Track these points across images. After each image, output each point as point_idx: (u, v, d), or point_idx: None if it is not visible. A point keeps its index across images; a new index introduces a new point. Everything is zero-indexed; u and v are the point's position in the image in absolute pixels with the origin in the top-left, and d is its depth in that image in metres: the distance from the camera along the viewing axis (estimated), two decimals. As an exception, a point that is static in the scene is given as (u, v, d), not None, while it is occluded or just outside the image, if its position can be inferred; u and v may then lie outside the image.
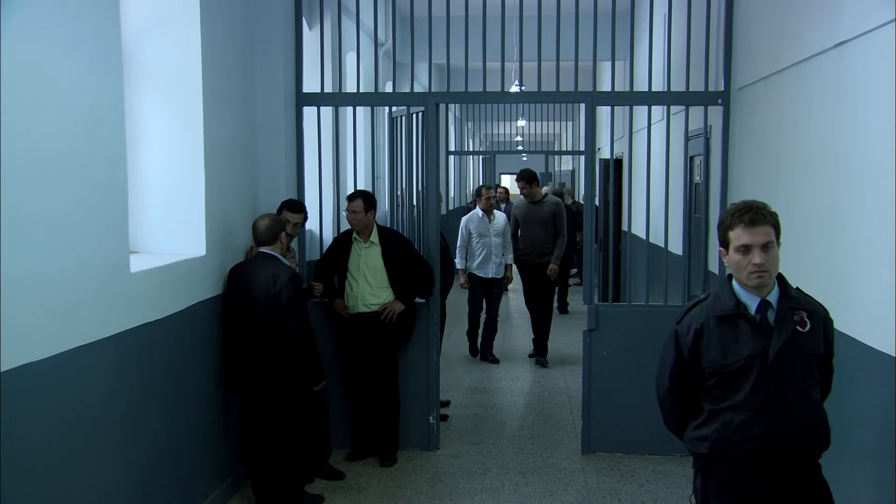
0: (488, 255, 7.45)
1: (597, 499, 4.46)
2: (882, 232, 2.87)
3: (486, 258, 7.46)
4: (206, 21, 4.06)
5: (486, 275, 7.50)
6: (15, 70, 2.54)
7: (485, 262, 7.47)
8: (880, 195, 2.90)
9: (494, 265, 7.49)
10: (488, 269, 7.48)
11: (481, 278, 7.53)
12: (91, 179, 3.03)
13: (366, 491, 4.57)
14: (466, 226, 7.50)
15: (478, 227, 7.46)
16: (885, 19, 2.82)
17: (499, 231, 7.49)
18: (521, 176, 7.74)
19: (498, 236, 7.48)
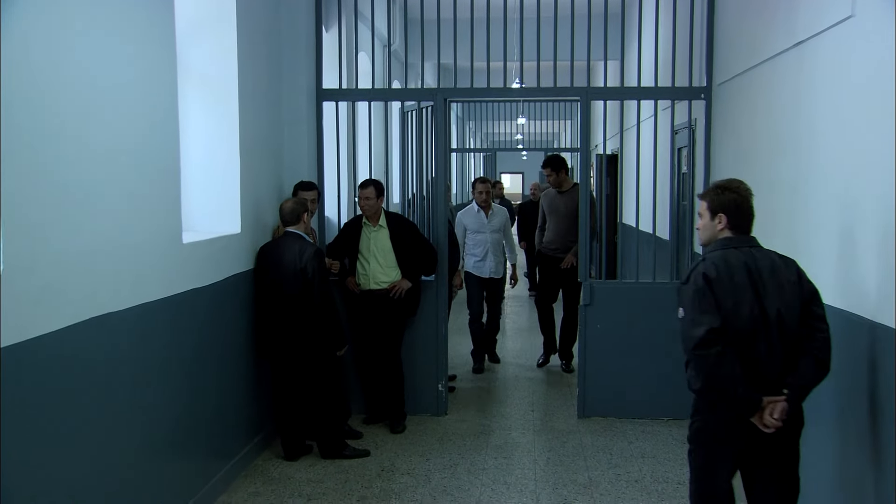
0: (486, 254, 6.95)
1: (591, 453, 4.96)
2: (834, 206, 3.36)
3: (484, 257, 6.96)
4: (241, 27, 4.56)
5: (484, 274, 6.98)
6: (102, 80, 3.05)
7: (482, 261, 6.97)
8: (833, 176, 3.39)
9: (493, 264, 6.97)
10: (486, 268, 6.98)
11: (479, 278, 7.01)
12: (154, 167, 3.55)
13: (382, 447, 5.07)
14: (461, 221, 6.99)
15: (473, 224, 6.98)
16: (833, 22, 3.32)
17: (497, 228, 7.00)
18: (547, 162, 6.95)
19: (496, 233, 6.99)
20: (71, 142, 2.89)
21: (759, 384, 2.86)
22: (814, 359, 2.88)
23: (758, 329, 2.88)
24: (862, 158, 3.09)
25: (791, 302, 2.89)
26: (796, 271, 2.95)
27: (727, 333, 2.85)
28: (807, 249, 3.60)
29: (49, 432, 2.77)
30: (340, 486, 4.44)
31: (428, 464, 4.79)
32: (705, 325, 2.83)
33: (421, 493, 4.34)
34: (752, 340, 2.88)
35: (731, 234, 3.00)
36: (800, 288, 2.92)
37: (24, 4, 2.61)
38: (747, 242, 3.00)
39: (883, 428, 2.90)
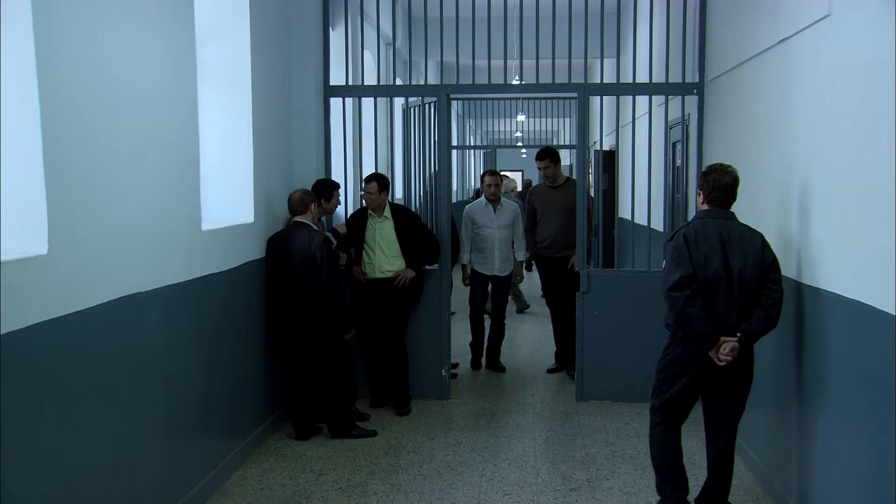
0: (491, 250, 6.61)
1: (588, 433, 5.19)
2: (816, 193, 3.59)
3: (490, 253, 6.62)
4: (254, 25, 4.79)
5: (489, 272, 6.67)
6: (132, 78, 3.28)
7: (487, 258, 6.64)
8: (814, 166, 3.61)
9: (499, 261, 6.64)
10: (491, 264, 6.65)
11: (483, 275, 6.70)
12: (177, 159, 3.78)
13: (389, 428, 5.30)
14: (469, 215, 6.69)
15: (480, 218, 6.66)
16: (812, 20, 3.54)
17: (506, 223, 6.66)
18: (543, 153, 6.56)
19: (505, 229, 6.64)
20: (104, 135, 3.11)
21: (718, 327, 3.56)
22: (765, 312, 3.56)
23: (721, 283, 3.57)
24: (838, 149, 3.31)
25: (752, 265, 3.56)
26: (761, 242, 3.61)
27: (696, 282, 3.56)
28: (792, 232, 3.83)
29: (85, 404, 2.99)
30: (350, 462, 4.67)
31: (432, 443, 5.02)
32: (679, 273, 3.57)
33: (426, 469, 4.57)
34: (716, 291, 3.58)
35: (710, 207, 3.70)
36: (762, 255, 3.58)
37: (66, 11, 2.84)
38: (724, 215, 3.67)
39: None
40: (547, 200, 6.61)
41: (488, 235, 6.63)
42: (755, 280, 3.56)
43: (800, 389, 3.73)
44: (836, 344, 3.33)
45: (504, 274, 6.69)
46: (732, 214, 3.69)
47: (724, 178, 3.68)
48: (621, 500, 4.14)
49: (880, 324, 2.87)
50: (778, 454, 4.07)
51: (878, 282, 2.91)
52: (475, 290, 6.80)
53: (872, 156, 2.98)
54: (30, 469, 2.65)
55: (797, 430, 3.75)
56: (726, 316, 3.57)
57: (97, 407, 3.08)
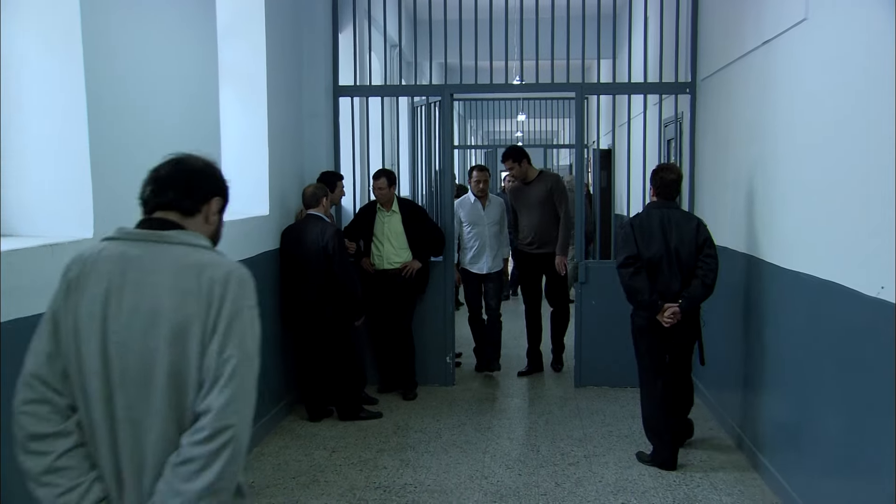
0: (482, 248, 6.41)
1: (586, 415, 5.47)
2: (794, 186, 3.87)
3: (480, 251, 6.41)
4: (269, 29, 5.07)
5: (481, 270, 6.45)
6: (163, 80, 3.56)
7: (478, 256, 6.43)
8: (792, 161, 3.89)
9: (489, 259, 6.43)
10: (482, 263, 6.43)
11: (475, 274, 6.48)
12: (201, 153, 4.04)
13: (396, 411, 5.58)
14: (456, 212, 6.39)
15: (469, 215, 6.43)
16: (790, 24, 3.82)
17: (496, 219, 6.48)
18: (507, 154, 6.40)
19: (495, 225, 6.47)
20: (139, 132, 3.40)
21: (663, 296, 4.35)
22: (700, 281, 4.34)
23: (662, 260, 4.36)
24: (812, 144, 3.59)
25: (687, 244, 4.35)
26: (695, 225, 4.41)
27: (641, 260, 4.35)
28: (772, 221, 4.12)
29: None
30: (360, 441, 4.95)
31: (438, 423, 5.30)
32: (625, 254, 4.40)
33: (433, 447, 4.85)
34: (658, 267, 4.37)
35: (657, 199, 4.49)
36: (696, 235, 4.36)
37: (109, 21, 3.12)
38: (666, 205, 4.46)
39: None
40: (521, 197, 6.52)
41: (478, 233, 6.41)
42: (691, 256, 4.35)
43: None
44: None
45: (495, 271, 6.51)
46: (675, 204, 4.53)
47: (668, 175, 4.50)
48: (616, 472, 4.42)
49: (844, 299, 3.15)
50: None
51: (843, 261, 3.19)
52: (469, 291, 6.55)
53: (844, 149, 3.26)
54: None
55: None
56: (669, 286, 4.36)
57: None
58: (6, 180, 3.02)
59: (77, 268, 1.79)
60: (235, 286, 1.74)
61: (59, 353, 1.75)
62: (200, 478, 1.64)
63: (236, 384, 1.69)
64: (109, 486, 1.74)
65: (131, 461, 1.72)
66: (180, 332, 1.70)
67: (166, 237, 1.78)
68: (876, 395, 2.94)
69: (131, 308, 1.71)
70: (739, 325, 4.76)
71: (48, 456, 1.71)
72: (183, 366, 1.70)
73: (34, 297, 2.68)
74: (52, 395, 1.74)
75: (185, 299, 1.70)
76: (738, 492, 4.13)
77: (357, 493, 4.16)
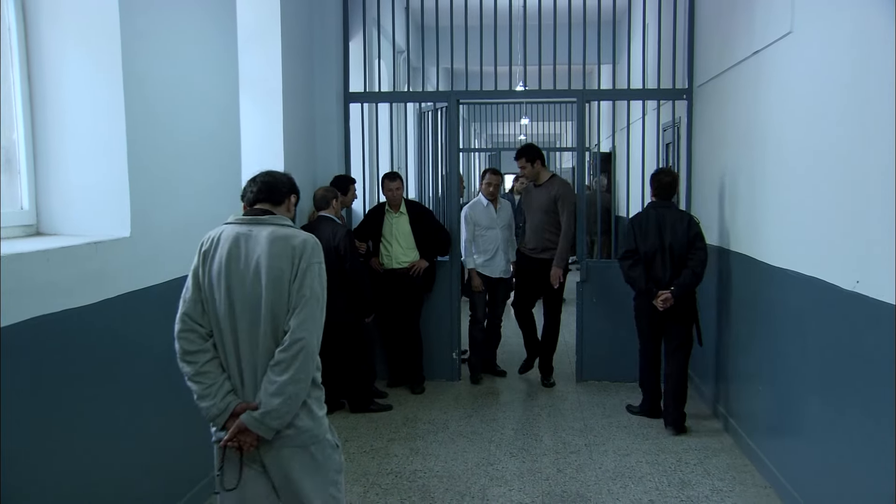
0: (497, 252, 6.35)
1: (587, 408, 5.71)
2: (783, 187, 4.11)
3: (495, 255, 6.35)
4: (285, 38, 5.33)
5: (493, 274, 6.37)
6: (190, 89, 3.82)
7: (493, 260, 6.36)
8: (779, 164, 4.13)
9: (503, 263, 6.39)
10: (496, 267, 6.37)
11: (487, 278, 6.38)
12: (224, 157, 4.31)
13: (405, 404, 5.82)
14: (470, 217, 6.34)
15: (483, 219, 6.36)
16: (778, 36, 4.06)
17: (507, 223, 6.45)
18: (520, 152, 6.27)
19: (507, 229, 6.43)
20: (171, 138, 3.65)
21: (658, 284, 5.05)
22: (691, 271, 4.99)
23: (657, 253, 5.06)
24: (798, 149, 3.83)
25: (679, 239, 5.01)
26: (687, 221, 5.06)
27: (638, 253, 5.10)
28: (764, 221, 4.36)
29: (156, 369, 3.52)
30: (372, 431, 5.19)
31: (445, 415, 5.55)
32: (624, 248, 5.18)
33: (441, 437, 5.09)
34: (653, 259, 5.08)
35: (655, 199, 5.16)
36: (687, 231, 5.00)
37: (142, 31, 3.37)
38: (663, 205, 5.12)
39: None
40: (529, 198, 6.39)
41: (493, 237, 6.35)
42: (683, 249, 5.01)
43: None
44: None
45: (507, 276, 6.44)
46: (671, 203, 5.17)
47: (665, 178, 5.17)
48: (615, 460, 4.65)
49: (825, 293, 3.38)
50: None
51: (824, 258, 3.43)
52: (477, 296, 6.41)
53: (823, 154, 3.50)
54: (117, 418, 3.18)
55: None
56: (663, 276, 5.05)
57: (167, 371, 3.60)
58: (48, 182, 3.27)
59: (207, 243, 2.65)
60: (308, 249, 2.57)
61: (200, 299, 2.60)
62: (285, 372, 2.50)
63: (307, 312, 2.51)
64: (234, 383, 2.60)
65: (248, 365, 2.57)
66: (275, 280, 2.52)
67: (263, 220, 2.62)
68: (858, 383, 3.18)
69: (244, 266, 2.56)
70: (734, 321, 4.99)
71: (196, 364, 2.57)
72: (277, 302, 2.53)
73: (82, 290, 2.94)
74: (196, 326, 2.58)
75: (277, 259, 2.52)
76: (730, 477, 4.37)
77: (370, 478, 4.40)
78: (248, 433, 2.53)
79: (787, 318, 3.98)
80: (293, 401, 2.52)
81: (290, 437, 2.58)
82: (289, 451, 2.59)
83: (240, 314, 2.55)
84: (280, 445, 2.58)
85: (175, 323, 2.59)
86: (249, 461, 2.61)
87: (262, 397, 2.51)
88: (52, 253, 2.77)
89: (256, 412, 2.51)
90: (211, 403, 2.55)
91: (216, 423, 2.59)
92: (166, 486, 3.62)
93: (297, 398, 2.53)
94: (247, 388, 2.58)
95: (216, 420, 2.58)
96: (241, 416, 2.53)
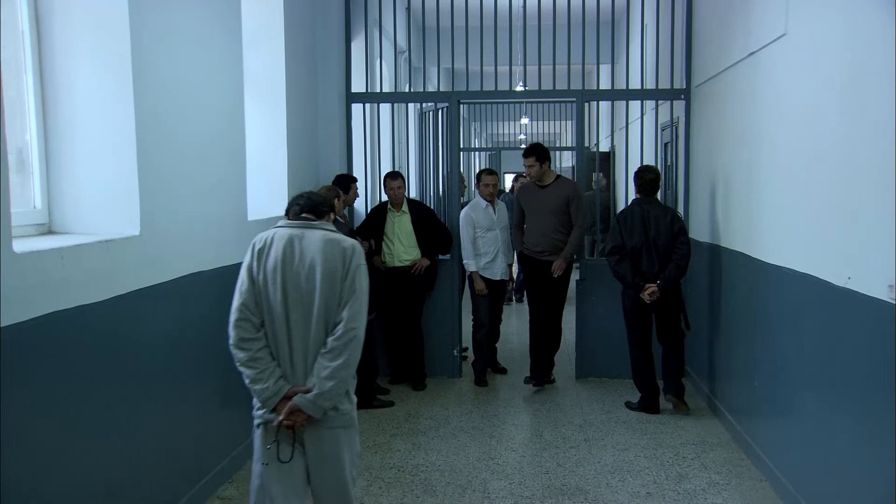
0: (496, 253, 6.32)
1: (586, 403, 5.79)
2: (778, 186, 4.19)
3: (496, 257, 6.33)
4: (288, 39, 5.40)
5: (495, 276, 6.36)
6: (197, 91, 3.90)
7: (493, 262, 6.34)
8: (773, 163, 4.21)
9: (503, 264, 6.38)
10: (496, 269, 6.37)
11: (490, 281, 6.36)
12: (229, 158, 4.39)
13: (407, 401, 5.90)
14: (469, 218, 6.29)
15: (483, 220, 6.31)
16: (772, 38, 4.14)
17: (505, 224, 6.45)
18: (528, 150, 6.06)
19: (506, 230, 6.42)
20: (178, 140, 3.73)
21: (644, 277, 5.31)
22: (675, 264, 5.27)
23: (643, 248, 5.31)
24: (791, 150, 3.91)
25: (664, 234, 5.27)
26: (671, 216, 5.33)
27: (625, 248, 5.35)
28: (760, 218, 4.44)
29: (162, 364, 3.60)
30: (375, 427, 5.28)
31: (447, 411, 5.63)
32: (611, 244, 5.44)
33: (443, 432, 5.18)
34: (640, 254, 5.33)
35: (640, 196, 5.41)
36: (671, 226, 5.28)
37: (151, 36, 3.45)
38: (647, 201, 5.37)
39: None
40: (534, 200, 6.12)
41: (493, 238, 6.32)
42: (667, 243, 5.28)
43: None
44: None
45: (507, 278, 6.49)
46: (655, 200, 5.42)
47: (648, 175, 5.41)
48: (613, 454, 4.74)
49: (818, 290, 3.47)
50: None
51: (817, 256, 3.51)
52: (480, 300, 6.38)
53: (816, 153, 3.58)
54: (127, 415, 3.26)
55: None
56: (649, 269, 5.32)
57: (173, 369, 3.69)
58: (60, 182, 3.35)
59: (260, 242, 2.92)
60: (357, 251, 2.89)
61: (254, 291, 2.85)
62: (338, 358, 2.79)
63: (357, 306, 2.82)
64: (285, 368, 2.86)
65: (299, 352, 2.84)
66: (329, 276, 2.81)
67: (315, 224, 2.93)
68: (851, 377, 3.27)
69: (298, 263, 2.84)
70: (731, 317, 5.07)
71: (250, 351, 2.82)
72: (330, 295, 2.81)
73: (94, 287, 3.02)
74: (251, 315, 2.84)
75: (331, 258, 2.82)
76: (726, 471, 4.45)
77: (373, 472, 4.49)
78: (300, 413, 2.79)
79: (783, 314, 4.06)
80: (342, 384, 2.82)
81: (332, 418, 2.87)
82: (329, 432, 2.88)
83: (293, 306, 2.82)
84: (322, 427, 2.86)
85: (231, 313, 2.85)
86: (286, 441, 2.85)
87: (315, 381, 2.79)
88: (67, 251, 2.85)
89: (309, 394, 2.78)
90: (264, 387, 2.80)
91: (268, 404, 2.83)
92: (168, 482, 3.69)
93: (346, 382, 2.85)
94: (297, 374, 2.84)
95: (268, 402, 2.82)
96: (294, 398, 2.79)
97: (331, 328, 2.80)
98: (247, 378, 2.83)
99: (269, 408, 2.83)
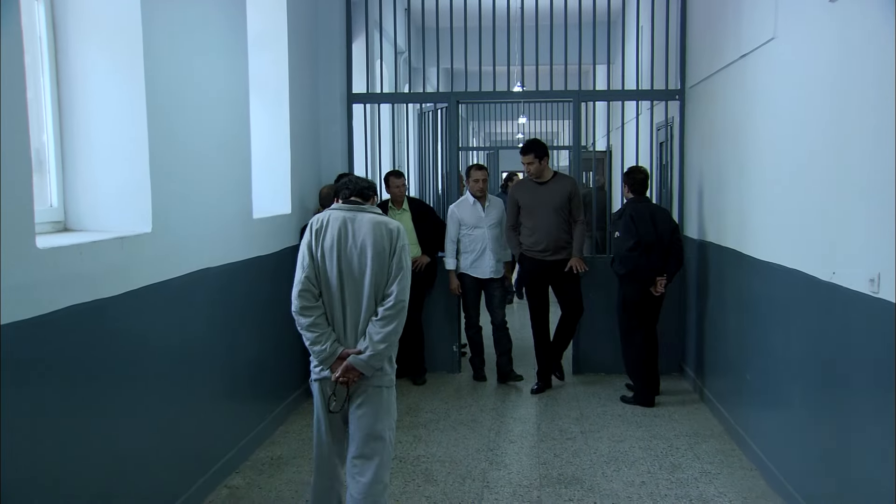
0: (483, 251, 6.20)
1: (582, 397, 5.93)
2: (768, 185, 4.32)
3: (482, 255, 6.21)
4: (291, 42, 5.53)
5: (483, 275, 6.23)
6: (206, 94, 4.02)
7: (480, 260, 6.23)
8: (763, 162, 4.35)
9: (492, 262, 6.22)
10: (485, 267, 6.23)
11: (476, 279, 6.28)
12: (235, 157, 4.52)
13: (407, 395, 6.03)
14: (454, 216, 6.22)
15: (469, 217, 6.21)
16: (762, 41, 4.28)
17: (496, 221, 6.23)
18: (526, 147, 5.93)
19: (496, 227, 6.22)
20: (188, 140, 3.86)
21: (654, 270, 5.62)
22: (675, 258, 5.68)
23: (652, 243, 5.59)
24: (781, 149, 4.05)
25: (666, 231, 5.62)
26: (668, 215, 5.73)
27: (642, 244, 5.56)
28: (750, 215, 4.58)
29: (173, 357, 3.73)
30: (376, 420, 5.40)
31: (446, 405, 5.76)
32: (633, 240, 5.56)
33: (443, 425, 5.31)
34: (651, 249, 5.59)
35: (634, 196, 5.69)
36: (670, 223, 5.64)
37: (162, 38, 3.58)
38: (644, 200, 5.68)
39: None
40: (534, 197, 5.96)
41: (479, 236, 6.20)
42: (668, 239, 5.64)
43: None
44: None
45: (499, 276, 6.30)
46: (648, 198, 5.77)
47: (638, 175, 5.70)
48: (609, 446, 4.87)
49: (805, 285, 3.60)
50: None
51: (804, 252, 3.65)
52: (469, 297, 6.34)
53: (804, 153, 3.72)
54: (138, 404, 3.39)
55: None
56: (658, 263, 5.63)
57: (183, 361, 3.81)
58: (75, 181, 3.47)
59: (317, 223, 3.31)
60: (402, 233, 3.31)
61: (314, 266, 3.27)
62: (390, 324, 3.25)
63: (404, 281, 3.28)
64: (339, 333, 3.29)
65: (351, 319, 3.28)
66: (379, 254, 3.24)
67: (364, 207, 3.34)
68: (836, 368, 3.40)
69: (352, 242, 3.26)
70: (724, 312, 5.21)
71: (311, 317, 3.25)
72: (379, 272, 3.25)
73: (109, 282, 3.15)
74: (312, 287, 3.26)
75: (380, 238, 3.25)
76: (718, 461, 4.59)
77: (375, 463, 4.61)
78: (354, 371, 3.23)
79: (773, 309, 4.19)
80: (391, 348, 3.29)
81: (378, 377, 3.30)
82: (374, 389, 3.31)
83: (346, 280, 3.25)
84: (368, 384, 3.29)
85: (294, 285, 3.27)
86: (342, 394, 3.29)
87: (368, 343, 3.22)
88: (85, 247, 2.98)
89: (363, 355, 3.21)
90: (323, 348, 3.24)
91: (325, 363, 3.26)
92: (177, 471, 3.82)
93: (394, 346, 3.32)
94: (348, 339, 3.28)
95: (325, 361, 3.25)
96: (349, 358, 3.22)
97: (379, 300, 3.24)
98: (307, 340, 3.26)
99: (326, 366, 3.25)
